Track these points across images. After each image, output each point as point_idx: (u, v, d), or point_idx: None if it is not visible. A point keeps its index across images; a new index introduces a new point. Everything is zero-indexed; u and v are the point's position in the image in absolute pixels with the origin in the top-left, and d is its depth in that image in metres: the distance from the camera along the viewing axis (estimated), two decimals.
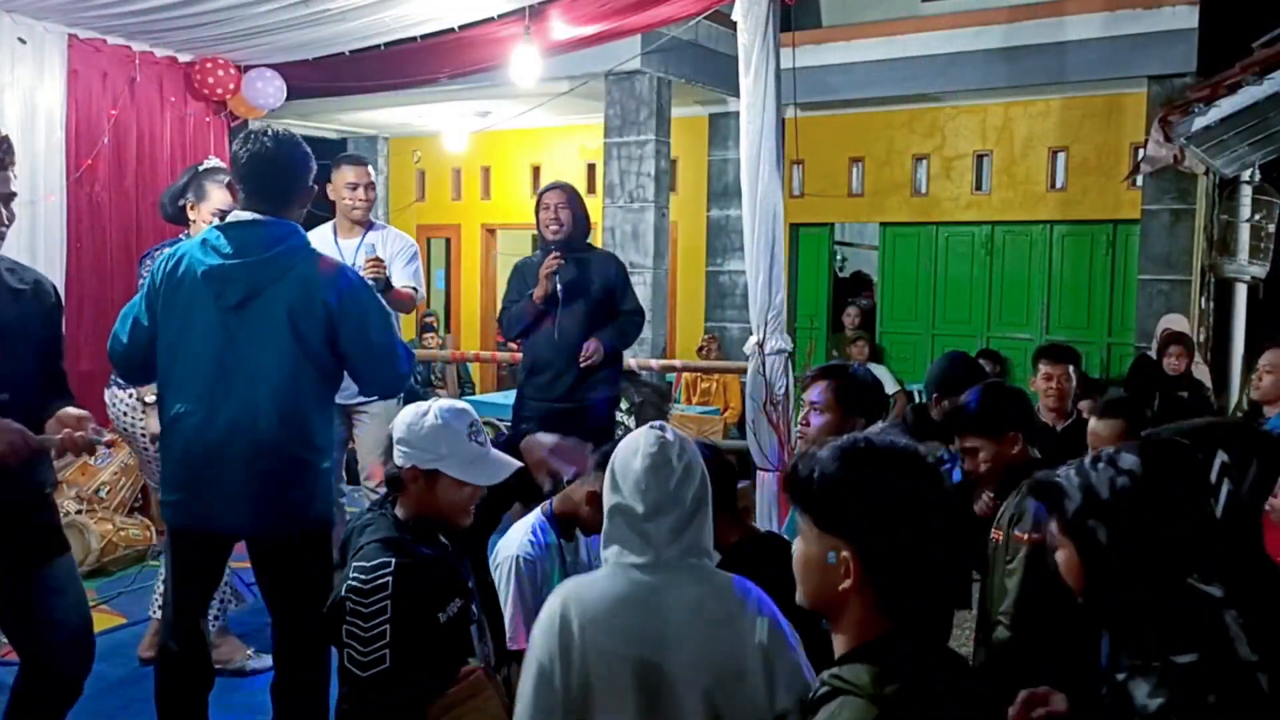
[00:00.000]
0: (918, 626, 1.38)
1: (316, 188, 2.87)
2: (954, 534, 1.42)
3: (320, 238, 4.51)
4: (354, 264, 4.35)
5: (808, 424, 2.88)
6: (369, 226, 4.49)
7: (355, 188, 4.38)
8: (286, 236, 2.74)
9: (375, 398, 4.58)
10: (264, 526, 2.75)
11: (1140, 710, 1.45)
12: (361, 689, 2.15)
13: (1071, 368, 4.45)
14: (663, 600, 1.81)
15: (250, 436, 2.68)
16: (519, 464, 2.40)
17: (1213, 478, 1.76)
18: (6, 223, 2.43)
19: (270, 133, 2.81)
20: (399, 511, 2.34)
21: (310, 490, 2.76)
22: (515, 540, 2.80)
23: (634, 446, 1.91)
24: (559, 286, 4.44)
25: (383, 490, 2.45)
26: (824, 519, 1.40)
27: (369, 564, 2.17)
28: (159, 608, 3.91)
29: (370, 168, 4.57)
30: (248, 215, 2.75)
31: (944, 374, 3.37)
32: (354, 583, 2.15)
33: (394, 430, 2.32)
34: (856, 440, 1.44)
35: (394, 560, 2.17)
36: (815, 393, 2.85)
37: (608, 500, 1.91)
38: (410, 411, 2.32)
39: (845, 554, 1.37)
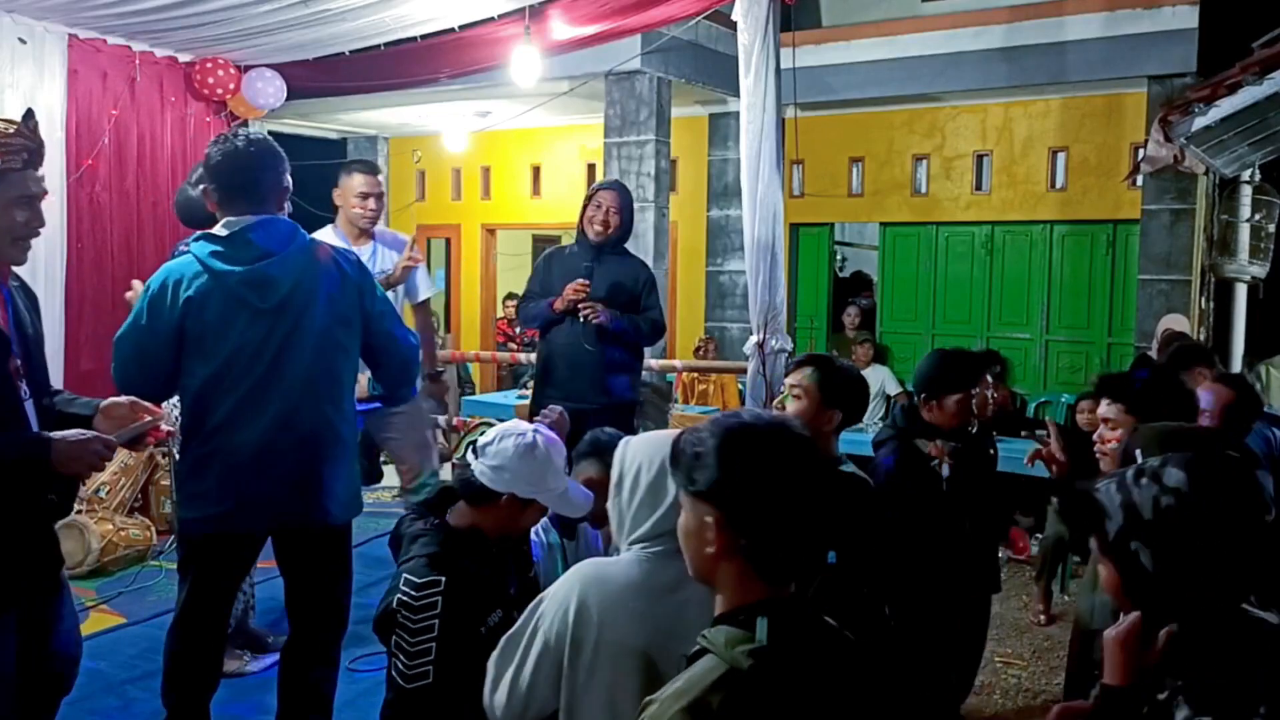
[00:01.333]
0: (788, 593, 1.41)
1: (291, 185, 2.87)
2: (822, 506, 1.43)
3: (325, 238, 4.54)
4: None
5: (782, 408, 2.86)
6: (374, 235, 4.42)
7: (366, 197, 4.28)
8: (296, 230, 2.78)
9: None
10: (317, 514, 2.78)
11: None
12: (404, 698, 2.16)
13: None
14: (679, 590, 1.77)
15: (306, 428, 2.72)
16: (591, 495, 2.38)
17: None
18: (38, 227, 2.36)
19: (242, 135, 2.83)
20: (454, 519, 2.31)
21: (352, 473, 2.86)
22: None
23: (655, 449, 1.84)
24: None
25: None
26: (691, 484, 1.44)
27: (420, 580, 2.17)
28: None
29: (381, 177, 4.50)
30: (249, 219, 2.73)
31: (931, 373, 3.33)
32: (405, 597, 2.16)
33: (492, 453, 2.24)
34: (731, 413, 1.49)
35: (444, 579, 2.17)
36: (797, 377, 2.83)
37: (627, 496, 1.87)
38: (516, 439, 2.25)
39: (710, 519, 1.41)
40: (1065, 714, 1.70)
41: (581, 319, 4.28)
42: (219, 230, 2.74)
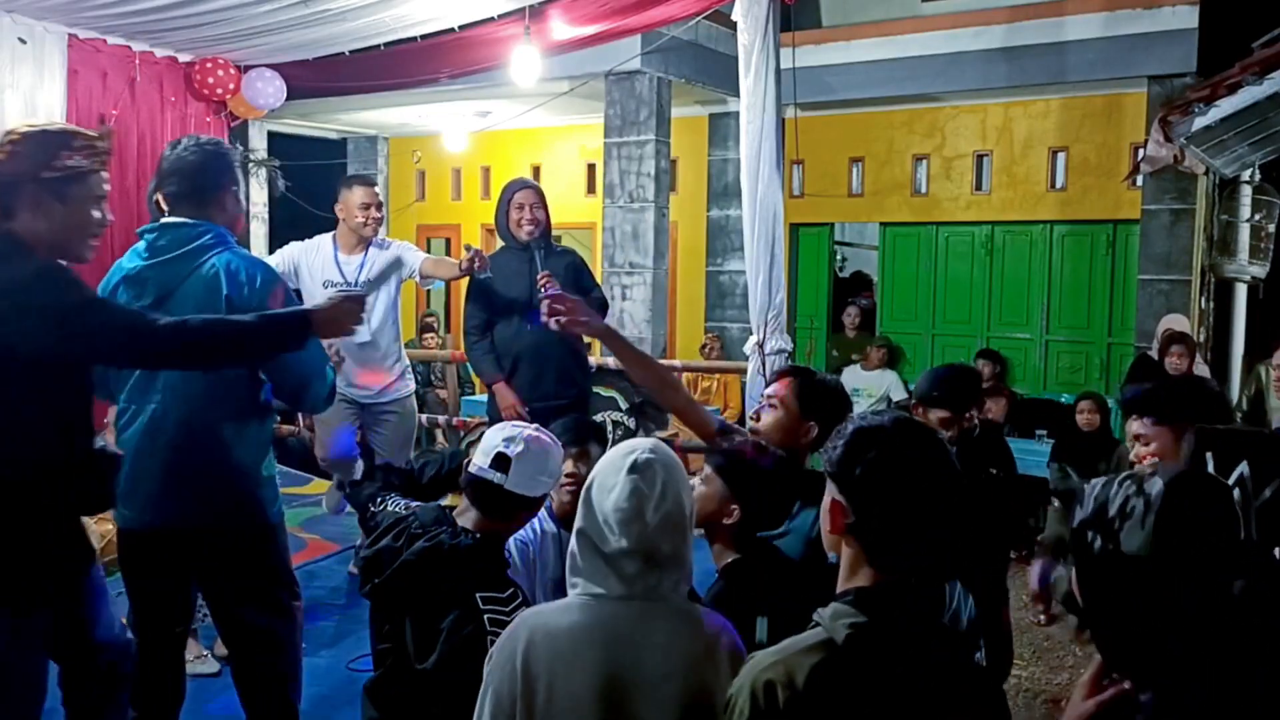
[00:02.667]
0: (906, 581, 1.49)
1: (238, 190, 2.87)
2: (947, 504, 1.50)
3: (318, 248, 4.59)
4: (357, 280, 4.48)
5: (757, 418, 2.84)
6: (368, 244, 4.57)
7: (368, 208, 4.49)
8: (198, 236, 2.73)
9: (400, 396, 4.65)
10: (186, 521, 2.75)
11: None
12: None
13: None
14: (635, 637, 1.71)
15: (168, 436, 2.70)
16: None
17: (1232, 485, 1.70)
18: (106, 224, 2.43)
19: (195, 140, 2.86)
20: (467, 522, 2.28)
21: (232, 489, 2.75)
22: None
23: (609, 483, 1.79)
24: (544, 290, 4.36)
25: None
26: (826, 464, 1.56)
27: (503, 595, 2.16)
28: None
29: (378, 189, 4.71)
30: (172, 220, 2.78)
31: (924, 383, 3.31)
32: (494, 613, 2.11)
33: (535, 466, 2.24)
34: (878, 410, 1.62)
35: (517, 588, 2.21)
36: (774, 388, 2.82)
37: (578, 523, 1.80)
38: (547, 449, 2.28)
39: (832, 497, 1.54)
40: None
41: (540, 288, 4.14)
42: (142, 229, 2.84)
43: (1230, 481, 1.78)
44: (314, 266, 4.54)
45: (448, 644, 2.12)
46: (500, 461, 2.21)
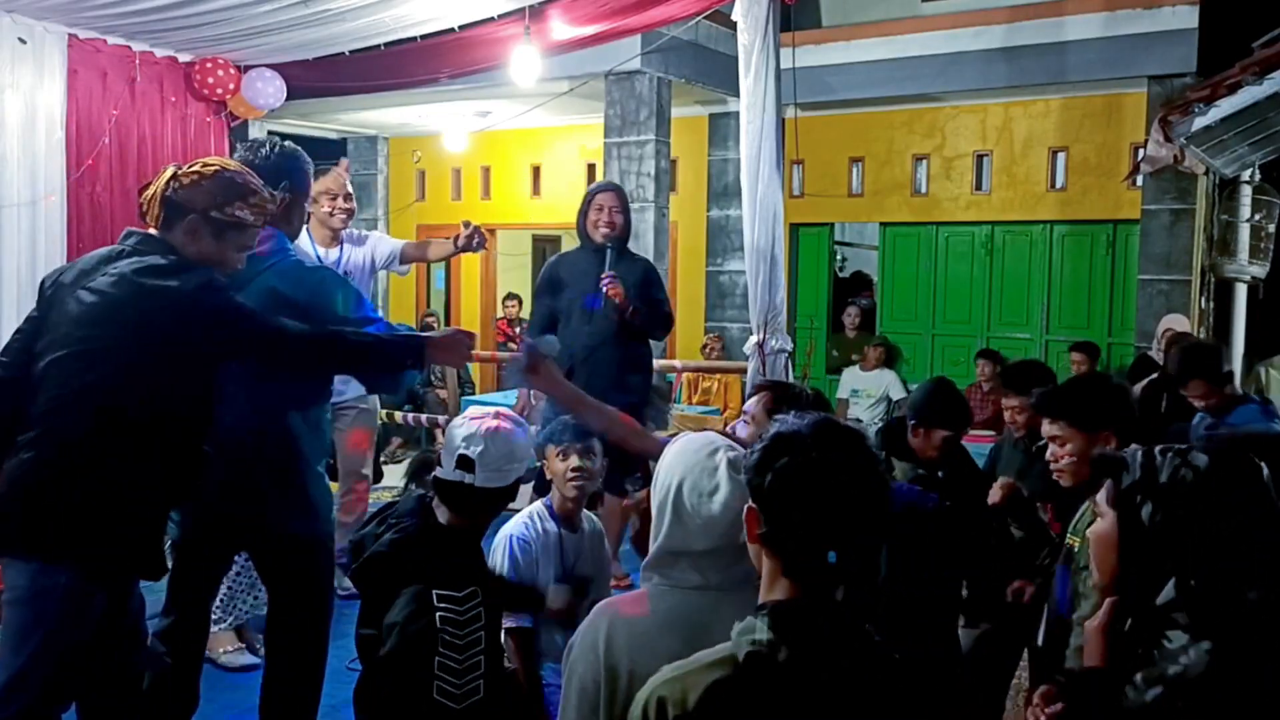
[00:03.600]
0: (825, 595, 1.41)
1: (291, 197, 2.86)
2: (867, 513, 1.42)
3: (298, 245, 4.51)
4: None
5: (732, 434, 2.85)
6: (342, 240, 4.46)
7: (335, 197, 4.30)
8: (270, 236, 2.75)
9: (361, 394, 4.59)
10: (243, 512, 2.79)
11: (1136, 703, 1.51)
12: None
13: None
14: (712, 624, 1.67)
15: (228, 438, 2.68)
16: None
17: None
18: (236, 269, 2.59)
19: (261, 144, 2.91)
20: (442, 518, 2.32)
21: (289, 493, 2.79)
22: (514, 523, 2.91)
23: (707, 486, 1.73)
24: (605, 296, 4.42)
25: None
26: (746, 472, 1.49)
27: (460, 594, 2.17)
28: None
29: (347, 178, 4.55)
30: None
31: (925, 402, 3.30)
32: (448, 613, 2.14)
33: (498, 454, 2.29)
34: (800, 414, 1.51)
35: (483, 589, 2.19)
36: (750, 403, 2.83)
37: (664, 538, 1.74)
38: (505, 429, 2.33)
39: (751, 507, 1.45)
40: (1049, 696, 1.75)
41: (604, 288, 4.37)
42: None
43: None
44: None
45: (400, 636, 2.16)
46: (465, 463, 2.25)
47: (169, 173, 2.44)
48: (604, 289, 4.39)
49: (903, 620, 2.55)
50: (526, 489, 4.10)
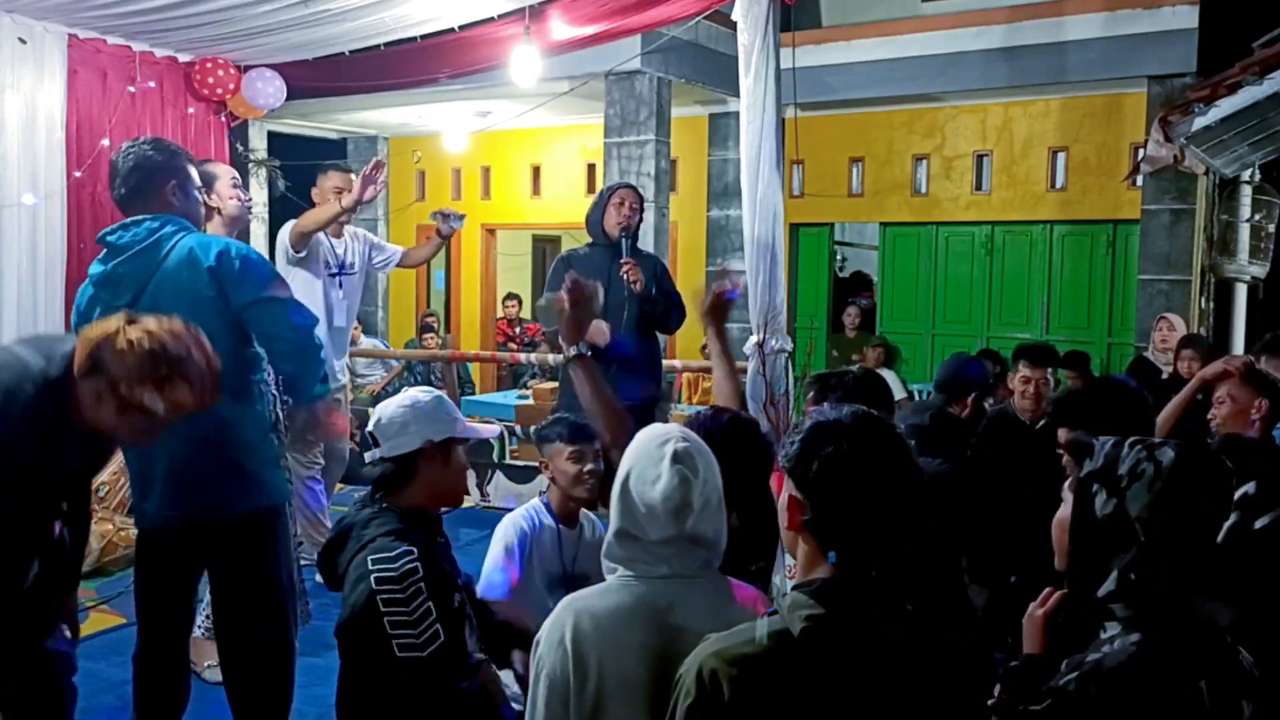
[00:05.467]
0: (860, 575, 1.47)
1: (183, 179, 2.89)
2: (906, 500, 1.49)
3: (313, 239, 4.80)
4: (343, 263, 4.90)
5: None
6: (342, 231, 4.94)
7: (341, 192, 4.72)
8: (159, 227, 2.78)
9: (343, 383, 4.87)
10: (200, 512, 2.78)
11: (1054, 687, 1.55)
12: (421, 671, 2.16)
13: (1050, 371, 4.59)
14: (678, 613, 1.74)
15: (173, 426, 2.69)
16: (499, 427, 2.51)
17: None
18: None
19: (130, 144, 2.92)
20: (399, 502, 2.37)
21: (233, 478, 2.78)
22: (513, 516, 3.00)
23: (650, 474, 1.76)
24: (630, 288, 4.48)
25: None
26: (785, 461, 1.54)
27: (391, 554, 2.20)
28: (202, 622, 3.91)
29: (354, 175, 4.86)
30: (121, 221, 2.83)
31: (948, 377, 3.43)
32: (381, 573, 2.18)
33: (390, 421, 2.35)
34: (837, 405, 1.58)
35: (414, 548, 2.22)
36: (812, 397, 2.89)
37: (615, 521, 1.79)
38: (400, 398, 2.38)
39: (794, 495, 1.51)
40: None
41: (623, 275, 4.44)
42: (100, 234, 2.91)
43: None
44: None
45: (347, 608, 2.23)
46: (372, 440, 2.34)
47: (116, 323, 2.21)
48: (624, 274, 4.44)
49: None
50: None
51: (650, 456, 1.78)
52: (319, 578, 2.64)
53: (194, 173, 2.96)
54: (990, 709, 1.69)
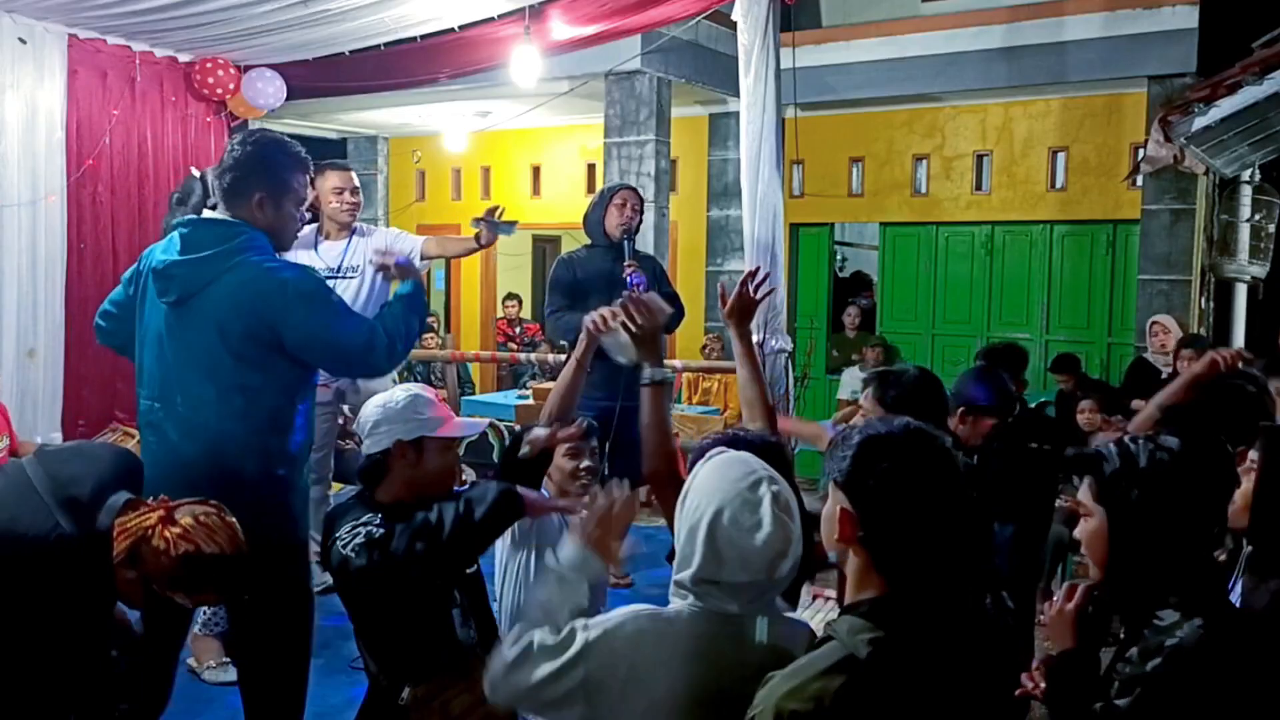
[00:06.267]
0: (916, 592, 1.48)
1: (278, 192, 2.77)
2: (957, 515, 1.50)
3: (303, 242, 4.40)
4: (340, 266, 4.47)
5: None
6: (353, 231, 4.57)
7: (341, 192, 4.48)
8: (232, 237, 2.67)
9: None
10: None
11: (1134, 674, 1.62)
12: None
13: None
14: (733, 649, 1.68)
15: (193, 436, 2.67)
16: (486, 421, 2.52)
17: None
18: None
19: (254, 135, 2.82)
20: (380, 496, 2.42)
21: (256, 503, 2.62)
22: None
23: (748, 520, 1.65)
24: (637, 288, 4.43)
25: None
26: (833, 473, 1.54)
27: (361, 517, 2.32)
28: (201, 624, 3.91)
29: (354, 173, 4.66)
30: (212, 214, 2.77)
31: (975, 391, 3.30)
32: (345, 539, 2.27)
33: (366, 420, 2.44)
34: (886, 418, 1.63)
35: (379, 519, 2.31)
36: (864, 397, 2.89)
37: (697, 563, 1.67)
38: (377, 399, 2.47)
39: (840, 507, 1.52)
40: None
41: (626, 277, 4.37)
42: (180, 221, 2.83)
43: None
44: (295, 255, 4.50)
45: (335, 580, 2.36)
46: (355, 438, 2.49)
47: (155, 518, 2.20)
48: (627, 277, 4.41)
49: None
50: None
51: (745, 500, 1.67)
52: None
53: (299, 186, 2.81)
54: (1033, 700, 1.76)
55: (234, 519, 2.27)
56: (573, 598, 1.77)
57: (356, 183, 4.62)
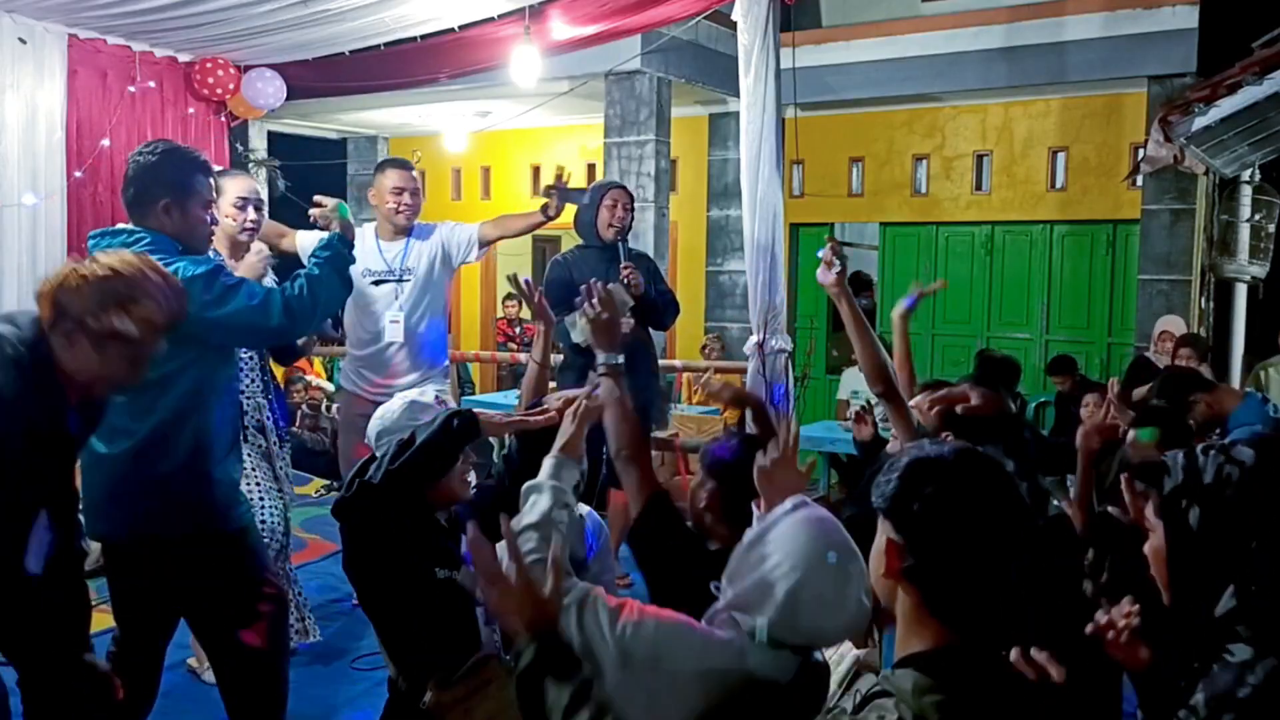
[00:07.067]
0: (974, 639, 1.34)
1: (182, 197, 2.74)
2: (1015, 547, 1.36)
3: (361, 237, 4.12)
4: (399, 268, 4.31)
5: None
6: (409, 232, 4.37)
7: (400, 192, 4.28)
8: (132, 245, 2.64)
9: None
10: (140, 531, 2.74)
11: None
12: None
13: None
14: (740, 678, 1.68)
15: (120, 446, 2.65)
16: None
17: None
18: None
19: (151, 145, 2.82)
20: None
21: (180, 499, 2.69)
22: None
23: (832, 597, 1.62)
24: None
25: None
26: (877, 499, 1.40)
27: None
28: None
29: (415, 172, 4.46)
30: (115, 227, 2.78)
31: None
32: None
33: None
34: (938, 441, 1.52)
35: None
36: (919, 399, 2.88)
37: (769, 615, 1.65)
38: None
39: (886, 536, 1.38)
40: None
41: (624, 280, 4.26)
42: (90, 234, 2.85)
43: None
44: (359, 256, 4.36)
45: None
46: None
47: (66, 269, 2.20)
48: (625, 279, 4.35)
49: None
50: None
51: (829, 576, 1.63)
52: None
53: (203, 188, 2.80)
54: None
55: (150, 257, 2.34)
56: (563, 497, 1.99)
57: (418, 183, 4.42)
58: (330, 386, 8.28)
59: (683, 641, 1.69)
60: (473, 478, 2.60)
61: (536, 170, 9.94)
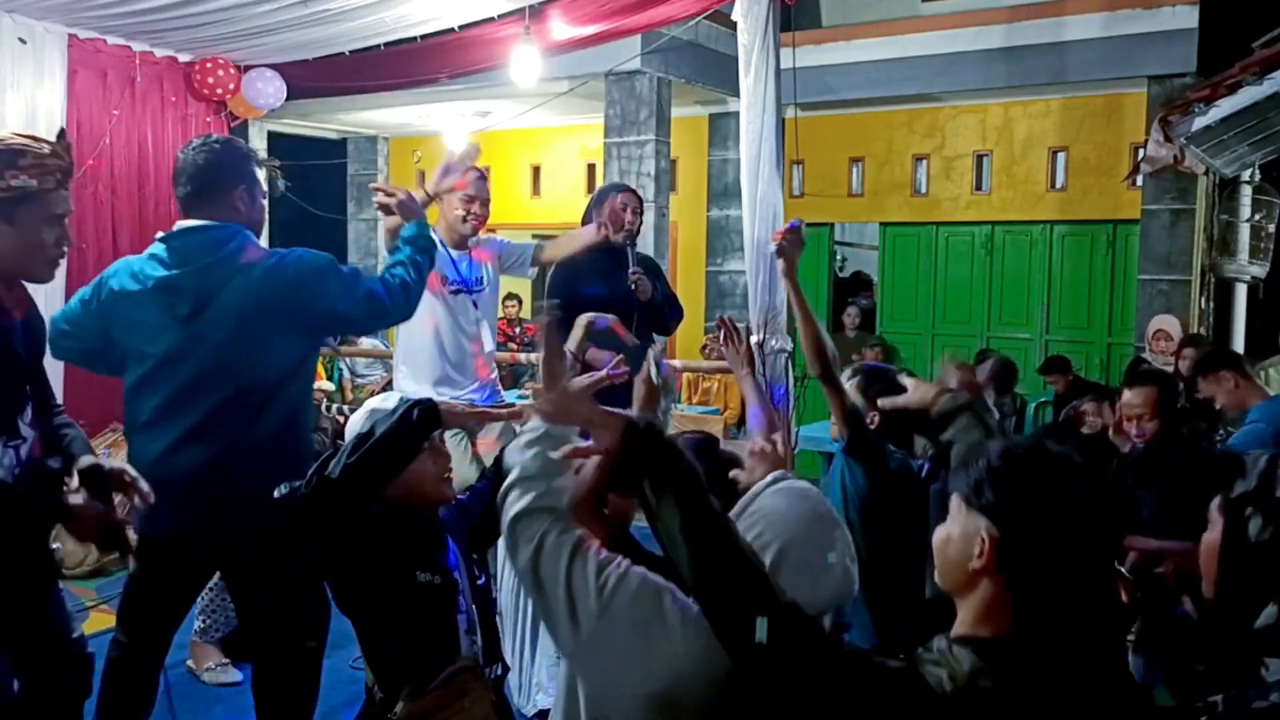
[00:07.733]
0: (1040, 633, 1.35)
1: (251, 183, 2.81)
2: (1100, 553, 1.37)
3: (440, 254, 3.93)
4: (473, 279, 4.15)
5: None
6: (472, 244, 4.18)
7: (471, 201, 4.04)
8: (227, 240, 2.71)
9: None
10: (229, 521, 2.73)
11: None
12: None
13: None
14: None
15: (217, 438, 2.67)
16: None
17: None
18: (66, 246, 2.39)
19: (210, 139, 2.85)
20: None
21: (263, 482, 2.64)
22: None
23: (819, 564, 1.60)
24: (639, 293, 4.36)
25: None
26: (975, 498, 1.39)
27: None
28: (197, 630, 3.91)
29: (488, 183, 4.24)
30: (189, 223, 2.76)
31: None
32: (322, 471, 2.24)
33: (357, 430, 2.40)
34: (1029, 437, 1.46)
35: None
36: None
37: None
38: (364, 408, 2.52)
39: (985, 535, 1.36)
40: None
41: (632, 285, 4.27)
42: (162, 235, 2.83)
43: None
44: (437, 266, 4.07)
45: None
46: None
47: None
48: (633, 285, 4.32)
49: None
50: None
51: (818, 542, 1.63)
52: None
53: (261, 175, 2.88)
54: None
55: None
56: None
57: (488, 193, 4.21)
58: (330, 386, 8.28)
59: (660, 604, 1.59)
60: (458, 481, 2.56)
61: (536, 170, 9.94)
